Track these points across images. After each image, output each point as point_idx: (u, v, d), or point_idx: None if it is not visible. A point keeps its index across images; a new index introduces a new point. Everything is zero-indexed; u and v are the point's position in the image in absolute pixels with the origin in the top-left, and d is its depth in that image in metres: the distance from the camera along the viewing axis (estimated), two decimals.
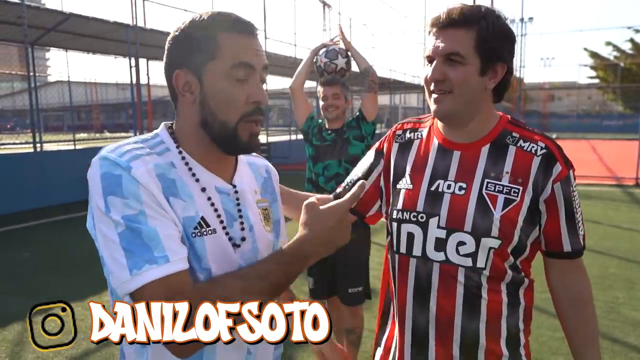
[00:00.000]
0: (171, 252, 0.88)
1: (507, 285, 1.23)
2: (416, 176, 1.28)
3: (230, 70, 0.96)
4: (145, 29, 11.61)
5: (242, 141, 1.00)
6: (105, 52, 15.57)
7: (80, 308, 4.25)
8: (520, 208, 1.18)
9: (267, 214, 1.14)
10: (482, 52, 1.16)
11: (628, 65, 38.49)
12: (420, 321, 1.26)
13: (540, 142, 1.21)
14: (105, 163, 0.92)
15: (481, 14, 1.16)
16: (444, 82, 1.18)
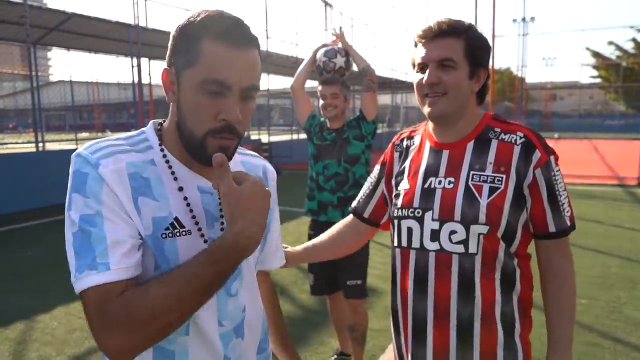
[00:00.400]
0: (113, 260, 0.87)
1: (500, 272, 1.29)
2: (412, 177, 1.40)
3: (201, 83, 0.91)
4: (147, 28, 11.63)
5: (209, 154, 0.94)
6: (107, 52, 15.58)
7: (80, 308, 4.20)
8: (505, 194, 1.27)
9: None
10: (470, 59, 1.31)
11: (630, 65, 38.39)
12: (420, 309, 1.34)
13: (519, 132, 1.31)
14: (78, 160, 0.92)
15: (466, 26, 1.32)
16: (439, 85, 1.31)
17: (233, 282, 1.04)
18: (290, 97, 23.49)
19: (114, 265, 0.86)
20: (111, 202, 0.89)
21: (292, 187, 9.84)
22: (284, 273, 5.01)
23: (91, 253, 0.86)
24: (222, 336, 1.02)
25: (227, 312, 1.03)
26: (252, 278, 1.10)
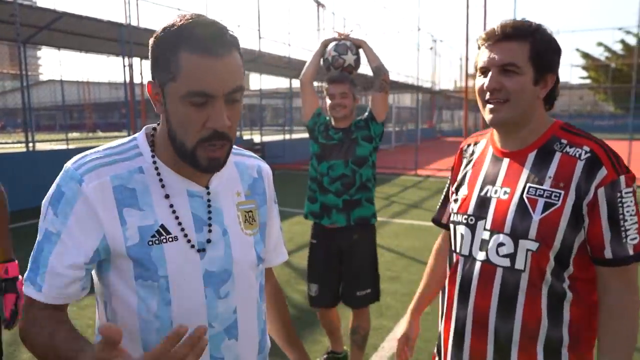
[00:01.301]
0: (46, 287, 0.96)
1: (547, 293, 1.22)
2: (471, 184, 1.39)
3: (185, 96, 0.92)
4: (139, 27, 11.57)
5: (201, 164, 0.98)
6: (98, 51, 15.46)
7: (76, 308, 4.24)
8: (562, 212, 1.19)
9: (250, 216, 1.12)
10: (536, 63, 1.24)
11: (619, 66, 38.75)
12: (461, 315, 1.34)
13: (585, 146, 1.22)
14: (63, 175, 0.98)
15: (533, 28, 1.24)
16: (500, 91, 1.25)
17: (223, 285, 1.05)
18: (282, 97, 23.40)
19: (45, 291, 0.96)
20: (78, 221, 0.95)
21: (285, 187, 9.85)
22: (276, 272, 5.02)
23: (36, 270, 0.97)
24: (212, 338, 1.04)
25: (216, 314, 1.04)
26: (247, 278, 1.11)
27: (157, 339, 1.00)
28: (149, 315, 0.99)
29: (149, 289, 0.99)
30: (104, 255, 0.99)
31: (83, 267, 0.97)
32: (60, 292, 0.98)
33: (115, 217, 0.96)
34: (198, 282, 1.01)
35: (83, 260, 0.97)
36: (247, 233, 1.11)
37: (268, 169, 1.24)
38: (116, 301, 1.02)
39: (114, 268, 1.00)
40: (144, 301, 0.99)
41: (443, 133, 37.24)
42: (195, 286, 1.01)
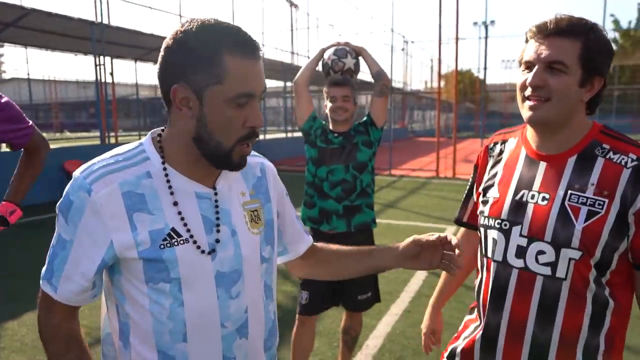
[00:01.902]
0: (60, 289, 1.02)
1: (591, 302, 1.21)
2: (503, 186, 1.32)
3: (234, 99, 0.96)
4: (111, 26, 11.35)
5: (234, 162, 1.03)
6: (67, 50, 15.09)
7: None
8: (606, 221, 1.16)
9: (255, 216, 1.14)
10: (585, 64, 1.17)
11: None
12: (493, 322, 1.30)
13: (632, 153, 1.18)
14: (72, 183, 1.00)
15: (588, 27, 1.18)
16: (543, 89, 1.19)
17: (234, 285, 1.07)
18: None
19: (59, 291, 1.02)
20: (87, 231, 0.98)
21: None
22: None
23: (51, 272, 1.03)
24: (224, 338, 1.06)
25: (229, 314, 1.06)
26: (255, 278, 1.13)
27: (170, 340, 1.02)
28: (162, 316, 1.01)
29: (160, 292, 1.00)
30: (111, 262, 1.01)
31: (93, 276, 1.02)
32: (73, 298, 1.04)
33: (126, 223, 0.98)
34: (210, 282, 1.03)
35: (92, 269, 1.01)
36: (254, 232, 1.12)
37: (271, 166, 1.26)
38: (129, 304, 1.03)
39: (125, 272, 1.02)
40: (156, 303, 1.01)
41: (415, 133, 37.71)
42: (207, 287, 1.03)
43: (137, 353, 1.04)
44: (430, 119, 44.63)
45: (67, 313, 1.05)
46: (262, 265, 1.15)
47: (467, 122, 40.46)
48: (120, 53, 15.52)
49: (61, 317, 1.04)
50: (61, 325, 1.04)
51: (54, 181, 9.53)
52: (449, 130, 27.74)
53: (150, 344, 1.03)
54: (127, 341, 1.05)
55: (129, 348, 1.05)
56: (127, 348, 1.05)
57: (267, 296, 1.18)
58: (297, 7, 23.20)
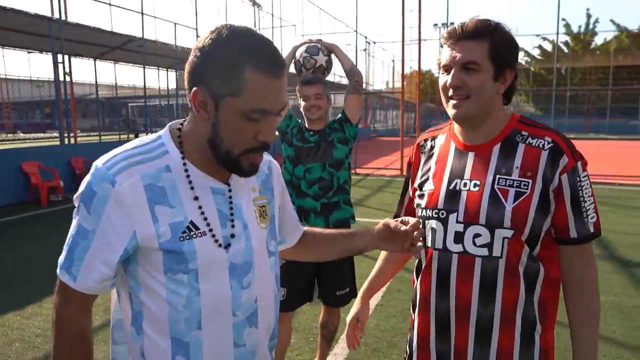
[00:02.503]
0: (80, 278, 1.02)
1: (523, 274, 1.31)
2: (437, 178, 1.41)
3: (247, 113, 0.98)
4: (70, 23, 11.00)
5: (243, 169, 1.06)
6: (22, 47, 14.53)
7: (20, 317, 4.01)
8: (531, 199, 1.27)
9: (264, 211, 1.19)
10: (495, 61, 1.29)
11: (537, 70, 41.59)
12: (443, 308, 1.38)
13: (547, 137, 1.31)
14: (95, 174, 1.01)
15: (492, 27, 1.30)
16: (462, 88, 1.30)
17: (245, 276, 1.11)
18: None
19: (79, 280, 1.02)
20: (110, 222, 0.99)
21: None
22: None
23: (70, 261, 1.03)
24: (235, 326, 1.10)
25: (240, 303, 1.10)
26: (265, 269, 1.17)
27: (185, 327, 1.05)
28: (178, 305, 1.04)
29: (179, 282, 1.03)
30: (132, 252, 1.03)
31: (115, 265, 1.03)
32: (94, 286, 1.04)
33: (148, 214, 1.00)
34: (224, 273, 1.07)
35: (115, 258, 1.01)
36: (262, 227, 1.17)
37: (276, 164, 1.31)
38: (145, 292, 1.05)
39: (143, 262, 1.04)
40: (174, 292, 1.03)
41: (377, 133, 38.18)
42: (221, 277, 1.07)
43: (150, 340, 1.06)
44: (392, 118, 45.25)
45: (83, 304, 1.06)
46: (270, 259, 1.20)
47: (429, 121, 41.26)
48: (79, 51, 15.07)
49: (76, 309, 1.05)
50: (74, 319, 1.05)
51: (10, 183, 9.17)
52: (410, 129, 28.26)
53: (164, 331, 1.05)
54: (140, 328, 1.07)
55: (141, 334, 1.07)
56: (139, 334, 1.07)
57: (277, 288, 1.24)
58: (260, 7, 23.12)
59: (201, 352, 1.07)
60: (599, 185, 11.19)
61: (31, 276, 5.03)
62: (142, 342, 1.07)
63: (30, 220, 7.88)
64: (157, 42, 15.39)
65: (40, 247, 6.18)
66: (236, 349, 1.10)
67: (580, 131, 34.10)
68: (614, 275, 4.99)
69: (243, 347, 1.12)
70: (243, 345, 1.11)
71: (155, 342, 1.06)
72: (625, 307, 4.17)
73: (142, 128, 23.54)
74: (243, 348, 1.12)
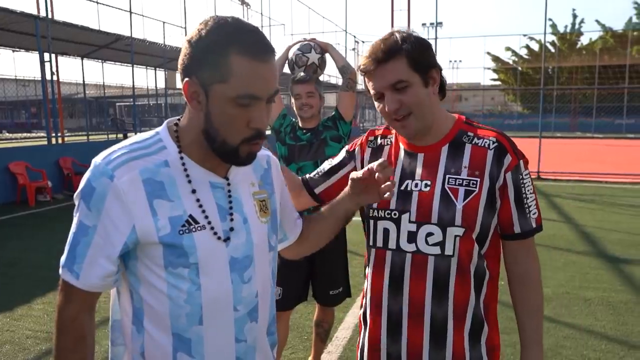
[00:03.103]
0: (83, 274, 1.01)
1: (473, 274, 1.34)
2: None
3: (235, 98, 0.97)
4: (57, 21, 10.88)
5: (241, 158, 1.05)
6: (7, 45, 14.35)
7: (9, 319, 3.98)
8: (480, 197, 1.31)
9: (264, 205, 1.19)
10: (418, 69, 1.30)
11: (525, 69, 41.94)
12: (394, 308, 1.37)
13: (492, 137, 1.36)
14: (94, 170, 1.01)
15: (400, 43, 1.30)
16: (401, 108, 1.31)
17: (246, 270, 1.11)
18: None
19: (82, 278, 1.02)
20: (110, 216, 0.99)
21: None
22: None
23: (72, 259, 1.02)
24: (237, 320, 1.10)
25: (241, 297, 1.10)
26: (264, 264, 1.17)
27: (187, 323, 1.05)
28: (179, 300, 1.04)
29: (179, 276, 1.03)
30: (132, 246, 1.03)
31: (116, 260, 1.02)
32: (97, 282, 1.03)
33: (147, 209, 1.00)
34: (225, 267, 1.07)
35: (115, 252, 1.01)
36: (262, 221, 1.17)
37: (275, 159, 1.31)
38: (145, 288, 1.05)
39: (143, 257, 1.04)
40: (175, 287, 1.03)
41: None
42: (222, 272, 1.06)
43: (151, 337, 1.06)
44: (381, 117, 45.33)
45: (86, 303, 1.05)
46: (269, 253, 1.20)
47: None
48: (66, 49, 14.91)
49: (79, 308, 1.04)
50: (77, 318, 1.04)
51: None
52: None
53: (165, 327, 1.05)
54: (141, 325, 1.07)
55: (142, 332, 1.06)
56: (140, 332, 1.07)
57: (274, 283, 1.24)
58: (249, 6, 23.08)
59: (203, 347, 1.06)
60: (586, 183, 11.35)
61: (19, 277, 4.98)
62: (143, 341, 1.07)
63: (17, 221, 7.79)
64: (146, 41, 15.28)
65: (28, 248, 6.12)
66: (237, 344, 1.10)
67: (567, 130, 34.50)
68: (602, 271, 5.07)
69: (244, 342, 1.11)
70: (244, 340, 1.11)
71: (156, 340, 1.06)
72: (613, 303, 4.23)
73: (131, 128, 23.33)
74: (244, 343, 1.11)
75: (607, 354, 3.38)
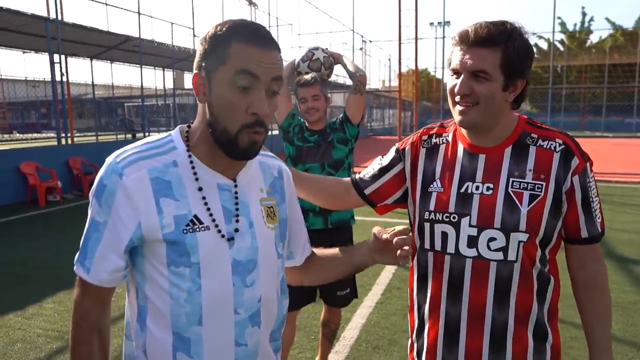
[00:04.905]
0: (93, 269, 1.06)
1: (536, 280, 1.31)
2: (445, 179, 1.37)
3: (233, 76, 1.00)
4: (67, 23, 10.97)
5: (241, 148, 1.05)
6: (17, 47, 14.49)
7: (21, 318, 4.03)
8: (545, 202, 1.27)
9: (271, 212, 1.19)
10: (506, 71, 1.26)
11: (534, 68, 41.63)
12: (453, 314, 1.34)
13: (558, 139, 1.31)
14: (106, 168, 1.06)
15: (507, 34, 1.25)
16: (470, 96, 1.27)
17: (249, 274, 1.11)
18: None
19: (92, 273, 1.06)
20: (118, 213, 1.03)
21: None
22: None
23: (84, 254, 1.07)
24: (237, 324, 1.10)
25: (242, 301, 1.10)
26: (271, 270, 1.17)
27: (186, 322, 1.06)
28: (180, 299, 1.05)
29: (181, 275, 1.05)
30: (137, 243, 1.05)
31: (124, 255, 1.06)
32: (106, 277, 1.06)
33: (153, 206, 1.03)
34: (227, 269, 1.08)
35: (123, 248, 1.05)
36: (269, 227, 1.17)
37: (287, 170, 1.31)
38: (149, 286, 1.07)
39: (148, 254, 1.06)
40: (176, 286, 1.05)
41: (374, 132, 38.17)
42: (224, 273, 1.07)
43: (153, 335, 1.07)
44: (389, 117, 45.27)
45: (99, 298, 1.09)
46: (278, 260, 1.20)
47: (425, 120, 41.33)
48: (75, 50, 15.03)
49: (93, 302, 1.08)
50: (91, 312, 1.08)
51: (8, 184, 9.16)
52: (407, 128, 28.31)
53: (166, 326, 1.07)
54: (144, 323, 1.08)
55: (145, 331, 1.08)
56: (143, 330, 1.09)
57: (282, 290, 1.22)
58: (257, 6, 23.11)
59: (202, 348, 1.07)
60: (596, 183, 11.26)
61: (30, 276, 5.03)
62: (145, 339, 1.09)
63: (28, 221, 7.87)
64: (154, 41, 15.37)
65: (38, 247, 6.19)
66: (237, 347, 1.10)
67: (576, 129, 34.19)
68: (611, 272, 5.03)
69: (244, 347, 1.11)
70: (244, 344, 1.11)
71: (157, 338, 1.07)
72: (623, 304, 4.21)
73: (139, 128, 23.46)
74: (244, 347, 1.11)
75: (616, 355, 3.34)
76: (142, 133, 19.97)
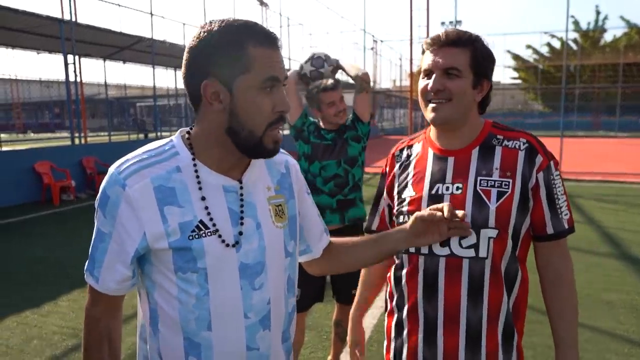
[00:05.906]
0: (102, 278, 1.07)
1: (504, 275, 1.34)
2: (418, 184, 1.43)
3: (262, 83, 1.02)
4: (80, 24, 11.10)
5: (267, 148, 1.07)
6: (32, 47, 14.68)
7: (37, 315, 4.08)
8: (513, 198, 1.32)
9: (280, 210, 1.18)
10: (475, 69, 1.35)
11: (546, 67, 41.25)
12: (430, 314, 1.37)
13: (522, 138, 1.38)
14: (108, 179, 1.06)
15: (473, 38, 1.36)
16: (444, 92, 1.34)
17: (257, 277, 1.10)
18: None
19: (101, 282, 1.08)
20: (122, 223, 1.03)
21: None
22: None
23: (93, 264, 1.09)
24: (248, 328, 1.09)
25: (251, 304, 1.09)
26: (279, 270, 1.16)
27: (196, 327, 1.07)
28: (188, 305, 1.06)
29: (188, 281, 1.05)
30: (144, 252, 1.06)
31: (131, 265, 1.07)
32: (114, 287, 1.08)
33: (157, 215, 1.03)
34: (234, 274, 1.07)
35: (129, 258, 1.05)
36: (278, 226, 1.16)
37: (295, 163, 1.30)
38: (158, 292, 1.08)
39: (155, 262, 1.07)
40: (184, 292, 1.05)
41: (385, 132, 38.07)
42: (231, 277, 1.07)
43: (165, 339, 1.09)
44: (400, 117, 45.15)
45: (109, 305, 1.10)
46: (286, 259, 1.19)
47: None
48: (88, 51, 15.20)
49: (103, 309, 1.10)
50: (101, 319, 1.10)
51: (23, 183, 9.29)
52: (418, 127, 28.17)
53: (177, 330, 1.08)
54: (157, 327, 1.10)
55: (157, 334, 1.10)
56: (155, 334, 1.10)
57: (289, 290, 1.21)
58: (268, 6, 23.18)
59: (212, 353, 1.07)
60: (609, 184, 11.14)
61: (45, 274, 5.11)
62: (159, 342, 1.10)
63: (43, 220, 7.99)
64: (166, 42, 15.47)
65: (53, 245, 6.27)
66: (249, 352, 1.10)
67: (590, 129, 33.86)
68: (625, 273, 4.98)
69: (256, 351, 1.11)
70: (256, 348, 1.11)
71: (170, 342, 1.08)
72: (637, 306, 4.16)
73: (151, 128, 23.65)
74: (256, 351, 1.11)
75: (630, 357, 3.33)
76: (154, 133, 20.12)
